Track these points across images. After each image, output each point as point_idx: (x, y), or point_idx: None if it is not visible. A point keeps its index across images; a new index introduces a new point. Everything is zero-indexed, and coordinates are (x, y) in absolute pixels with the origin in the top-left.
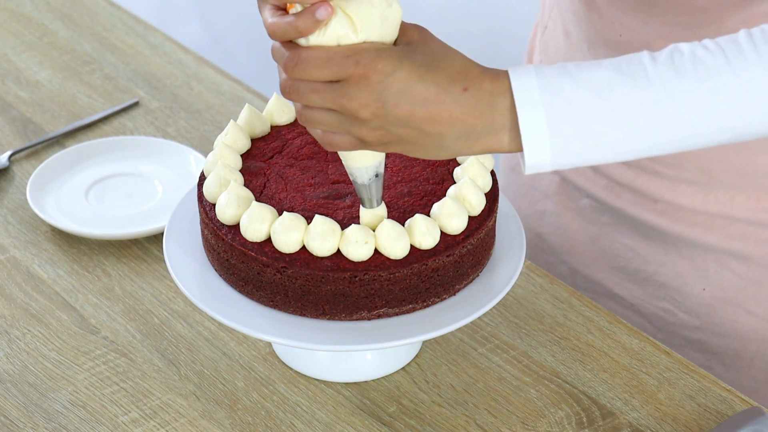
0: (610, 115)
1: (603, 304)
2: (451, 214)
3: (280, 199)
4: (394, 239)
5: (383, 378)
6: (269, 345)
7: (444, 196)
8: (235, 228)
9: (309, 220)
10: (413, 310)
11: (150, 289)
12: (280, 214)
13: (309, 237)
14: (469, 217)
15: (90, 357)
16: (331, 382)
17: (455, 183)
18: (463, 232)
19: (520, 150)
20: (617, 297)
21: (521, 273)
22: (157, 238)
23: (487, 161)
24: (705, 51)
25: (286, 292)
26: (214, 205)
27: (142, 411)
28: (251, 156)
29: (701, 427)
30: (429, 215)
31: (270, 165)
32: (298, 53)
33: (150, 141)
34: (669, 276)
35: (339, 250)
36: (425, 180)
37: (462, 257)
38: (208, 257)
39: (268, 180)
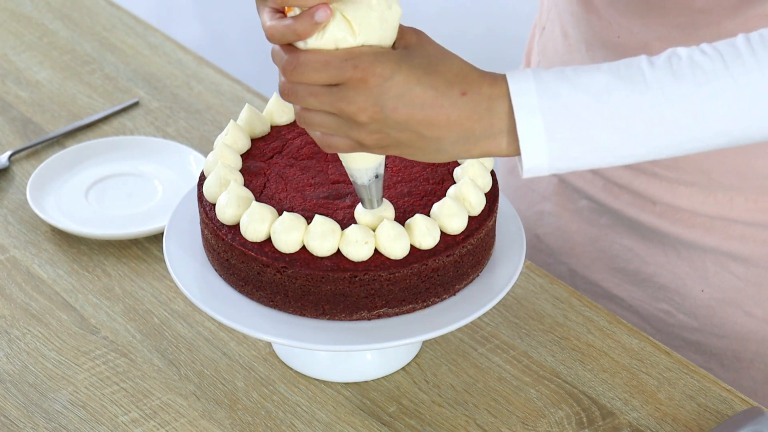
0: (608, 120)
1: (602, 305)
2: (451, 214)
3: (280, 199)
4: (394, 239)
5: (383, 378)
6: (269, 345)
7: (444, 196)
8: (235, 228)
9: (309, 220)
10: (413, 310)
11: (150, 289)
12: (280, 214)
13: (309, 237)
14: (469, 217)
15: (90, 357)
16: (331, 382)
17: (455, 183)
18: (463, 232)
19: (518, 154)
20: (616, 298)
21: (521, 273)
22: (157, 238)
23: (487, 161)
24: (703, 56)
25: (286, 292)
26: (214, 205)
27: (142, 411)
28: (251, 156)
29: (701, 427)
30: (429, 215)
31: (270, 165)
32: (296, 56)
33: (150, 141)
34: (668, 277)
35: (339, 250)
36: (425, 180)
37: (462, 257)
38: (208, 257)
39: (268, 180)
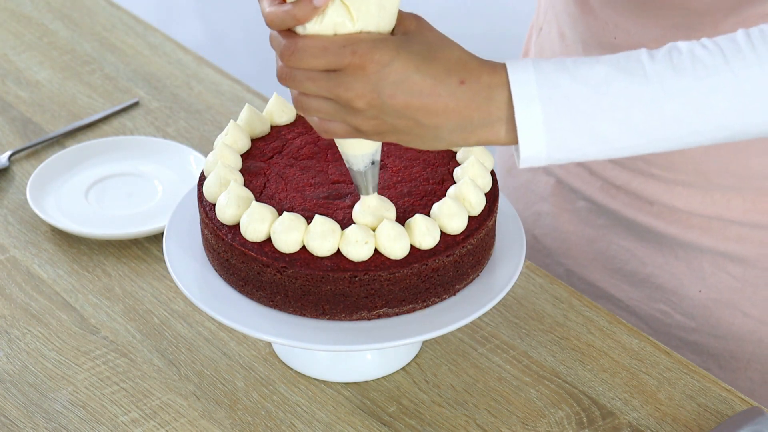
0: (606, 111)
1: (599, 305)
2: (451, 214)
3: (280, 199)
4: (394, 239)
5: (383, 378)
6: (269, 345)
7: (444, 196)
8: (235, 228)
9: (309, 220)
10: (413, 310)
11: (150, 289)
12: (280, 214)
13: (309, 237)
14: (469, 217)
15: (90, 357)
16: (331, 382)
17: (455, 183)
18: (463, 232)
19: (516, 143)
20: (613, 299)
21: (521, 273)
22: (157, 238)
23: (487, 161)
24: (703, 50)
25: (286, 292)
26: (214, 205)
27: (142, 411)
28: (251, 156)
29: (701, 427)
30: (429, 215)
31: (270, 165)
32: (294, 42)
33: (150, 141)
34: (665, 278)
35: (339, 250)
36: (425, 180)
37: (462, 257)
38: (208, 257)
39: (268, 180)
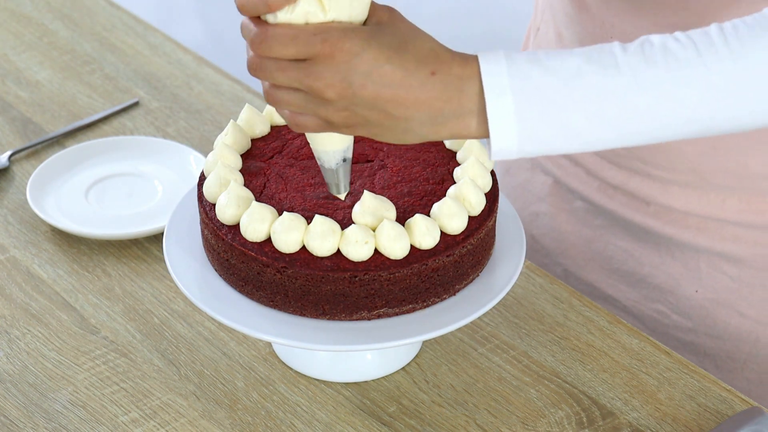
0: (578, 103)
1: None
2: (451, 214)
3: (280, 199)
4: (394, 239)
5: (383, 378)
6: (269, 345)
7: (444, 196)
8: (235, 228)
9: (309, 220)
10: (413, 310)
11: (150, 289)
12: (280, 214)
13: (309, 237)
14: (469, 217)
15: (90, 357)
16: (331, 382)
17: (455, 183)
18: (463, 232)
19: (487, 136)
20: (611, 299)
21: (521, 273)
22: (157, 238)
23: (488, 161)
24: (676, 43)
25: (286, 292)
26: (214, 205)
27: (142, 411)
28: (251, 156)
29: (701, 427)
30: (429, 215)
31: (270, 165)
32: (265, 30)
33: (150, 141)
34: (662, 278)
35: (339, 250)
36: (425, 180)
37: (462, 257)
38: (208, 257)
39: (268, 180)
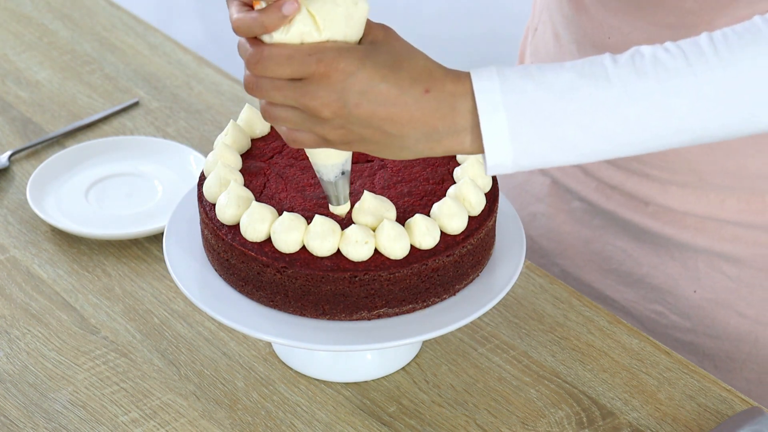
0: (571, 116)
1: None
2: (451, 214)
3: (280, 199)
4: (394, 239)
5: (383, 378)
6: (269, 345)
7: (444, 196)
8: (235, 228)
9: (309, 220)
10: (413, 310)
11: (150, 289)
12: (280, 214)
13: (309, 237)
14: (469, 217)
15: (90, 357)
16: (331, 382)
17: (455, 183)
18: (463, 232)
19: (482, 152)
20: (609, 299)
21: (521, 273)
22: (157, 238)
23: None
24: (666, 53)
25: (286, 292)
26: (214, 205)
27: (142, 411)
28: (251, 156)
29: (701, 427)
30: (429, 215)
31: (270, 165)
32: (261, 50)
33: (150, 141)
34: (660, 278)
35: (339, 250)
36: (425, 180)
37: (462, 257)
38: (208, 257)
39: (268, 180)
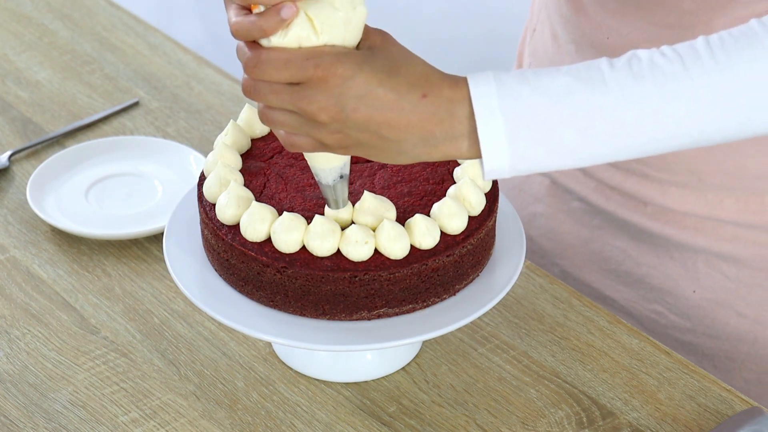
0: (568, 121)
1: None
2: (451, 214)
3: (280, 199)
4: (394, 239)
5: (383, 378)
6: (269, 345)
7: (444, 196)
8: (235, 228)
9: (309, 220)
10: (413, 310)
11: (150, 289)
12: (280, 214)
13: (309, 237)
14: (469, 217)
15: (90, 357)
16: (331, 382)
17: (455, 183)
18: (463, 232)
19: (479, 157)
20: (608, 299)
21: (521, 273)
22: (157, 238)
23: None
24: (663, 57)
25: (286, 292)
26: (214, 205)
27: (142, 411)
28: (251, 156)
29: (701, 427)
30: (429, 215)
31: (270, 165)
32: (259, 54)
33: (150, 141)
34: (660, 278)
35: (339, 250)
36: (425, 180)
37: (462, 257)
38: (208, 257)
39: (268, 180)
